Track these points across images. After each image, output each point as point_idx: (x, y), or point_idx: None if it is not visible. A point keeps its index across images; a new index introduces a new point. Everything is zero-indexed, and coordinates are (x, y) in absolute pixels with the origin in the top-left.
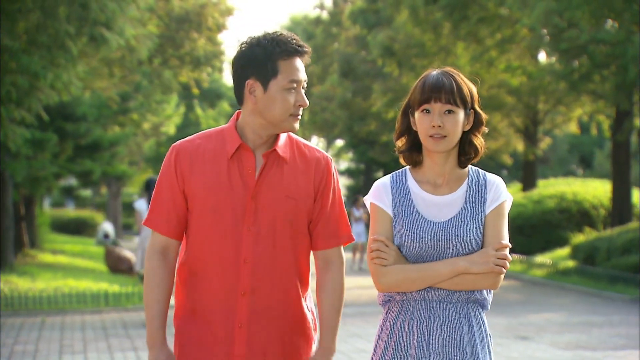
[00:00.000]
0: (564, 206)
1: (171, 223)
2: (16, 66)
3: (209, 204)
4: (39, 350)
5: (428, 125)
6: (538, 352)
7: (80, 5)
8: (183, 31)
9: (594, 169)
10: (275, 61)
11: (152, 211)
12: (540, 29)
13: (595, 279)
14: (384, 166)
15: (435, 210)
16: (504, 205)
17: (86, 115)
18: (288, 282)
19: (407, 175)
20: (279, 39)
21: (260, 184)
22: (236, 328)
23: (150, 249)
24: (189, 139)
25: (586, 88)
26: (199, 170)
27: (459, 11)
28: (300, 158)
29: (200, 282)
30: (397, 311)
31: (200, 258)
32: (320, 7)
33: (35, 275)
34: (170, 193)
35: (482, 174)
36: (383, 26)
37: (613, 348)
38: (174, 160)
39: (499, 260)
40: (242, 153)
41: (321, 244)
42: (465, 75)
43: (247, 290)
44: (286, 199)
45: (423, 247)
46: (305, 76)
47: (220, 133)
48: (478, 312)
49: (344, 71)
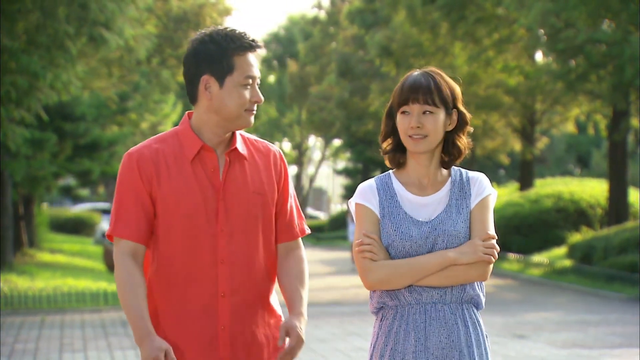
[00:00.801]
0: (561, 205)
1: (141, 228)
2: (16, 66)
3: (182, 210)
4: (39, 348)
5: (407, 126)
6: (535, 350)
7: (80, 6)
8: (181, 31)
9: (591, 168)
10: (230, 57)
11: (117, 220)
12: (538, 29)
13: (592, 278)
14: (381, 165)
15: (422, 210)
16: (489, 198)
17: (85, 115)
18: (262, 277)
19: (392, 178)
20: (232, 35)
21: (227, 183)
22: (219, 331)
23: (119, 254)
24: (145, 145)
25: (583, 88)
26: (164, 175)
27: (456, 11)
28: (257, 154)
29: (177, 290)
30: (391, 317)
31: (174, 265)
32: (318, 6)
33: (34, 275)
34: (137, 198)
35: (465, 172)
36: (381, 26)
37: (609, 346)
38: (136, 165)
39: (487, 250)
40: (203, 154)
41: (283, 237)
42: (461, 75)
43: (226, 291)
44: (254, 195)
45: (412, 247)
46: (258, 72)
47: (174, 136)
48: (473, 313)
49: (341, 71)
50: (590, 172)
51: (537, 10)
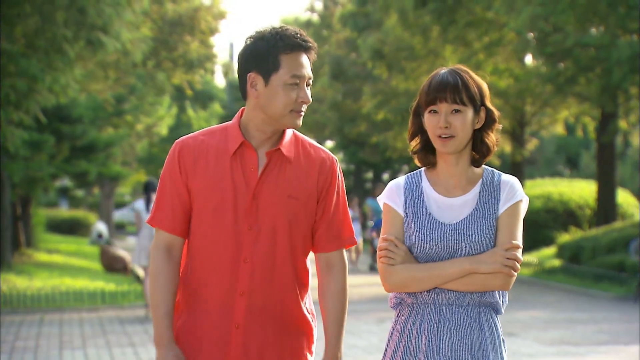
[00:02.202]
0: (551, 206)
1: (177, 220)
2: (15, 69)
3: (211, 203)
4: (39, 346)
5: (435, 126)
6: (524, 347)
7: (78, 10)
8: (176, 34)
9: (581, 169)
10: (277, 55)
11: (156, 209)
12: (527, 32)
13: (580, 278)
14: (373, 167)
15: (448, 212)
16: (519, 205)
17: (82, 117)
18: (286, 282)
19: (422, 177)
20: (283, 33)
21: (262, 183)
22: (233, 329)
23: (154, 248)
24: (193, 135)
25: (572, 90)
26: (202, 167)
27: (447, 15)
28: (304, 158)
29: (198, 282)
30: (407, 314)
31: (199, 257)
32: (311, 10)
33: (32, 274)
34: (175, 189)
35: (498, 174)
36: (373, 29)
37: (596, 344)
38: (178, 155)
39: (508, 261)
40: (244, 151)
41: (323, 246)
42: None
43: (245, 290)
44: (288, 199)
45: (433, 248)
46: (309, 73)
47: (224, 130)
48: (490, 316)
49: (334, 73)
50: (579, 173)
51: (527, 14)
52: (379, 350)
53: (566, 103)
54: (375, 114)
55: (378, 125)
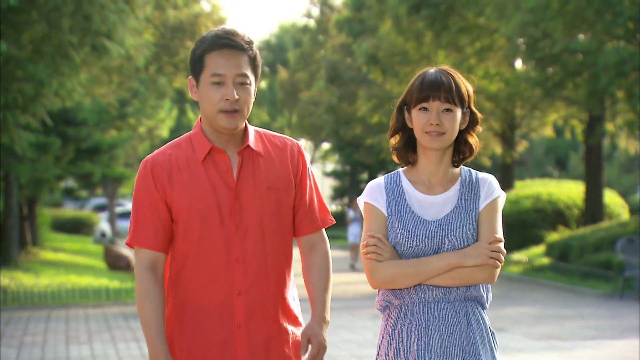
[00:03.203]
0: (540, 206)
1: (159, 237)
2: (22, 74)
3: (196, 211)
4: (47, 341)
5: (426, 123)
6: (513, 342)
7: (83, 17)
8: (177, 40)
9: (569, 170)
10: (202, 55)
11: (135, 229)
12: (517, 38)
13: (568, 275)
14: (368, 168)
15: (430, 209)
16: (498, 201)
17: (87, 120)
18: (280, 274)
19: (401, 177)
20: (210, 34)
21: (240, 181)
22: (235, 329)
23: (138, 267)
24: (159, 151)
25: (560, 94)
26: (177, 180)
27: (440, 21)
28: (273, 149)
29: (192, 290)
30: (395, 317)
31: (190, 265)
32: (308, 16)
33: (39, 272)
34: (153, 206)
35: (474, 172)
36: (368, 35)
37: (582, 339)
38: (151, 173)
39: (493, 253)
40: (214, 155)
41: (304, 229)
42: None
43: (242, 289)
44: (269, 191)
45: (418, 245)
46: (237, 69)
47: (188, 140)
48: (477, 310)
49: (330, 77)
50: (567, 174)
51: (517, 20)
52: (373, 344)
53: (555, 106)
54: (370, 117)
55: (373, 128)
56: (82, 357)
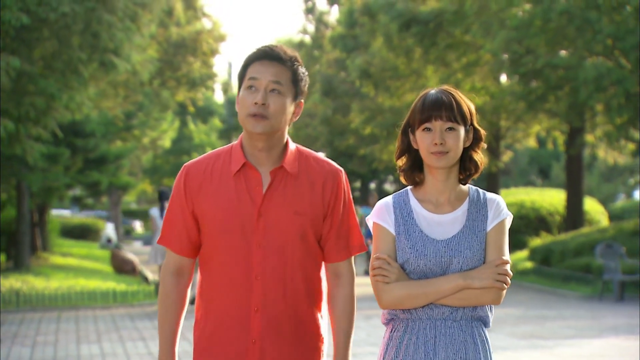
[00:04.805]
0: (523, 213)
1: (183, 242)
2: (34, 89)
3: (219, 224)
4: (58, 340)
5: (430, 143)
6: (497, 341)
7: (92, 35)
8: (180, 55)
9: (552, 179)
10: (246, 67)
11: (164, 230)
12: (502, 54)
13: (550, 278)
14: (361, 177)
15: (438, 228)
16: (505, 222)
17: (94, 132)
18: (299, 296)
19: (409, 195)
20: (257, 48)
21: (267, 201)
22: (250, 344)
23: (164, 269)
24: (199, 159)
25: (543, 107)
26: (207, 189)
27: (429, 38)
28: (309, 173)
29: (214, 300)
30: (402, 330)
31: (213, 276)
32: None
33: (49, 275)
34: (181, 214)
35: (482, 192)
36: (360, 51)
37: (563, 338)
38: (184, 180)
39: (500, 276)
40: (247, 171)
41: (332, 257)
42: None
43: (259, 306)
44: (295, 216)
45: (427, 264)
46: (271, 77)
47: (228, 152)
48: (482, 330)
49: (325, 91)
50: (550, 183)
51: (501, 37)
52: (367, 343)
53: (538, 118)
54: (362, 128)
55: (365, 139)
56: (92, 355)
